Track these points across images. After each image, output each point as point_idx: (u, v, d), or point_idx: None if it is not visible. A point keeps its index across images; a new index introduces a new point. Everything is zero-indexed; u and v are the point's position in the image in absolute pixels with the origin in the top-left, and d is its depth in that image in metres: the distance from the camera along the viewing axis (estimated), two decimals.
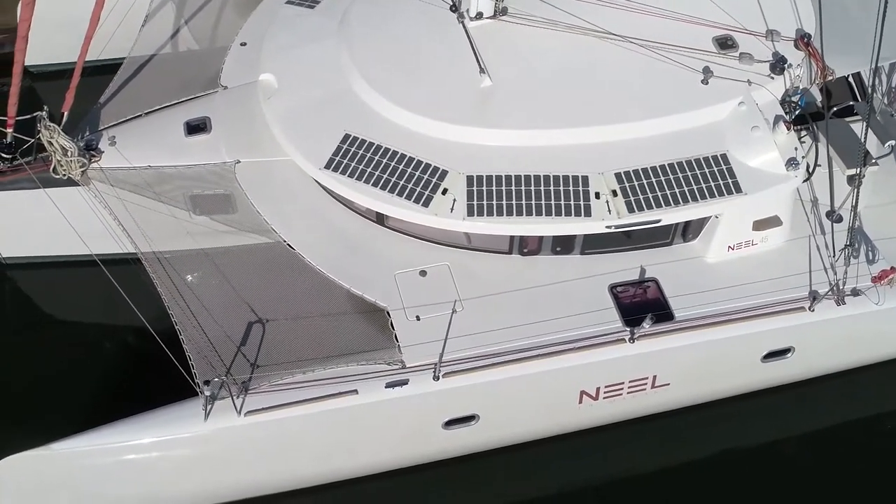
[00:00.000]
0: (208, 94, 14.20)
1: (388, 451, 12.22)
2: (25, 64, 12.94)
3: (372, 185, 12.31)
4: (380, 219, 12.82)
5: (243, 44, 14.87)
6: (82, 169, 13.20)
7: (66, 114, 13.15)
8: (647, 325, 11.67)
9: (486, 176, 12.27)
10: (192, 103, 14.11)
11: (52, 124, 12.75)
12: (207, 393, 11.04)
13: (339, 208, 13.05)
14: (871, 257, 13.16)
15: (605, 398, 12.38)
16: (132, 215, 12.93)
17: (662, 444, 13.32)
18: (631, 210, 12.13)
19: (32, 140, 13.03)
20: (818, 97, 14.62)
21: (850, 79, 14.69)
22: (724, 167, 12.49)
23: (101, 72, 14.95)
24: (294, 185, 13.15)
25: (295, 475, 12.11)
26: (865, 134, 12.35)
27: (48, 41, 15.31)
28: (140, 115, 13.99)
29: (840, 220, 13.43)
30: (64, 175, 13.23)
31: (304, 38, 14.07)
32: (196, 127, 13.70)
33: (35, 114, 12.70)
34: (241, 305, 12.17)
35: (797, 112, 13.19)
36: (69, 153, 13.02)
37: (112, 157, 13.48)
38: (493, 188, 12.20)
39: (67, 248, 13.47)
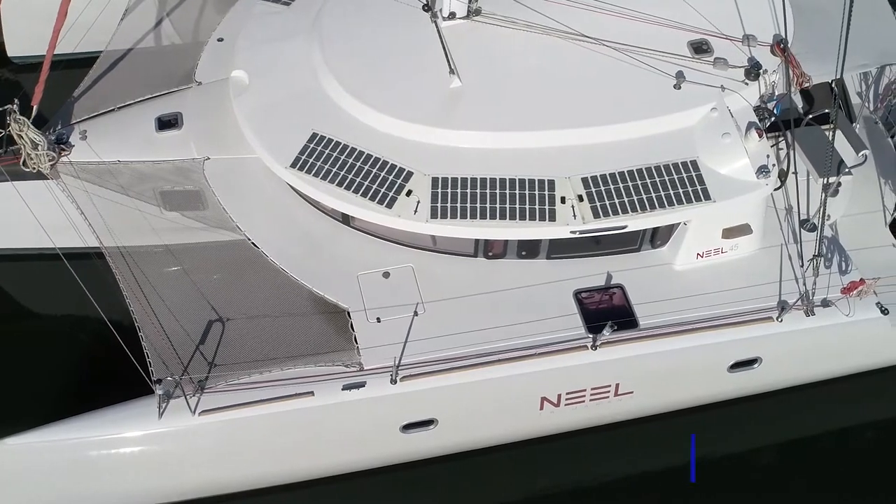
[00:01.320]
0: (182, 90, 14.15)
1: (345, 454, 12.16)
2: (8, 55, 12.92)
3: (337, 185, 12.23)
4: (345, 219, 12.75)
5: (220, 39, 14.80)
6: (51, 163, 13.17)
7: (35, 107, 13.11)
8: (607, 333, 11.54)
9: (452, 178, 12.16)
10: (166, 98, 14.06)
11: (21, 117, 12.72)
12: (160, 392, 10.98)
13: (305, 207, 12.98)
14: (844, 268, 12.97)
15: (566, 405, 12.26)
16: (100, 210, 12.92)
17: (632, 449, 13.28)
18: (596, 215, 11.99)
19: (3, 133, 13.00)
20: (800, 103, 14.49)
21: (833, 85, 14.49)
22: (693, 174, 12.33)
23: (82, 64, 14.93)
24: (262, 183, 13.09)
25: (251, 475, 12.06)
26: (833, 142, 12.15)
27: (31, 32, 15.30)
28: (113, 110, 13.95)
29: (814, 228, 13.25)
30: (34, 168, 13.21)
31: (277, 36, 14.00)
32: (167, 122, 13.66)
33: (5, 107, 12.67)
34: (203, 303, 12.12)
35: (772, 119, 13.00)
36: (39, 147, 13.00)
37: (82, 152, 13.45)
38: (458, 191, 12.09)
39: (34, 241, 13.43)
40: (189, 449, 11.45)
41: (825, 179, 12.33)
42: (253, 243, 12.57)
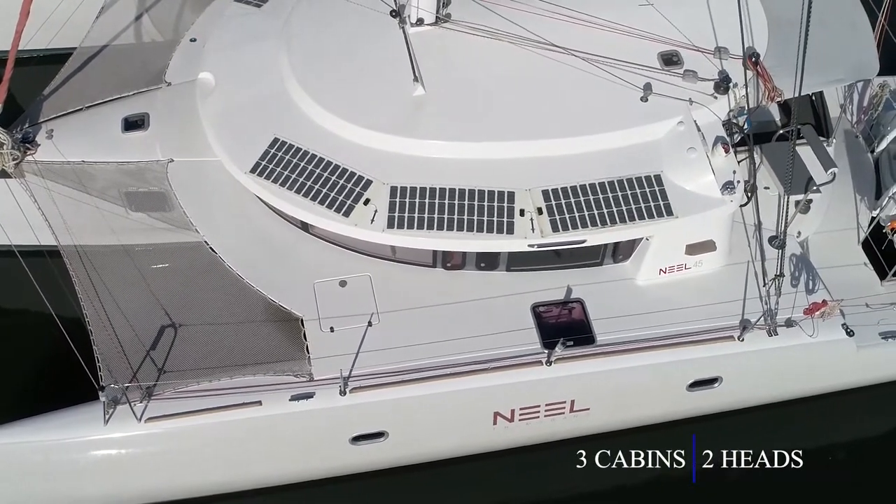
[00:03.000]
0: (151, 90, 14.07)
1: (294, 464, 12.08)
2: None
3: (296, 191, 12.12)
4: (304, 226, 12.63)
5: (193, 40, 14.70)
6: (15, 162, 13.12)
7: (0, 106, 13.05)
8: (559, 350, 11.37)
9: (410, 188, 12.03)
10: (135, 99, 13.99)
11: None
12: (104, 399, 10.93)
13: (265, 213, 12.88)
14: (811, 286, 12.73)
15: (520, 420, 12.11)
16: (62, 210, 12.84)
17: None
18: (555, 229, 11.82)
19: None
20: (776, 116, 14.25)
21: (813, 98, 14.25)
22: (656, 188, 12.12)
23: (58, 61, 14.88)
24: (223, 187, 12.99)
25: (198, 483, 12.00)
26: (792, 159, 11.88)
27: (5, 28, 15.21)
28: (81, 109, 13.89)
29: (783, 246, 13.00)
30: None
31: (246, 38, 13.89)
32: (134, 123, 13.60)
33: None
34: (156, 307, 12.05)
35: (744, 133, 12.76)
36: (3, 146, 12.96)
37: (48, 151, 13.40)
38: (416, 201, 11.95)
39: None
40: (135, 456, 11.41)
41: (785, 195, 12.02)
42: (211, 248, 12.47)
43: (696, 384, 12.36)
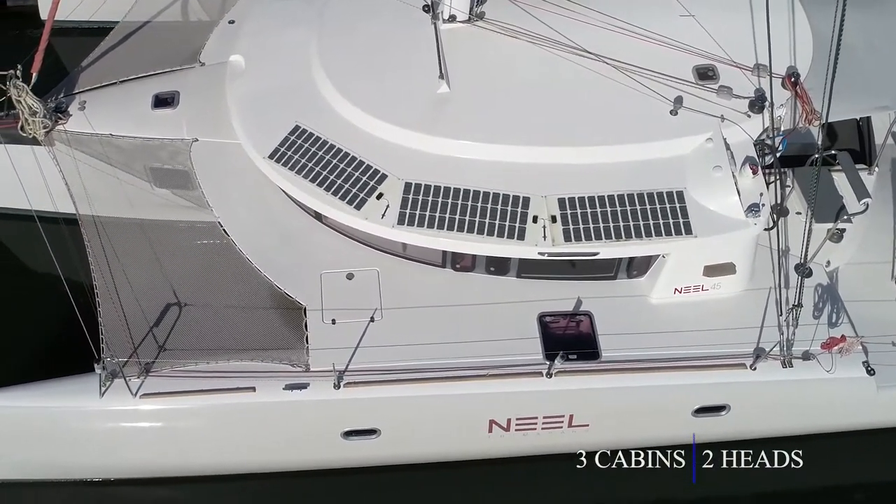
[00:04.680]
0: (185, 69, 14.16)
1: (284, 453, 12.02)
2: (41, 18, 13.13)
3: (311, 180, 12.05)
4: (318, 215, 12.56)
5: (231, 21, 14.76)
6: (45, 130, 13.32)
7: (35, 74, 13.26)
8: (559, 363, 11.10)
9: (425, 185, 11.86)
10: (168, 76, 14.09)
11: (21, 83, 12.88)
12: (100, 371, 11.01)
13: (282, 199, 12.84)
14: (834, 319, 12.21)
15: (517, 430, 11.86)
16: (84, 180, 12.99)
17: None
18: (568, 239, 11.53)
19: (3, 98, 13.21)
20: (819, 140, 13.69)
21: (860, 122, 13.68)
22: (677, 205, 11.75)
23: (100, 33, 15.11)
24: (243, 171, 12.98)
25: (188, 463, 12.03)
26: (816, 184, 11.38)
27: None
28: (115, 83, 14.04)
29: (810, 274, 12.49)
30: (30, 134, 13.39)
31: (280, 23, 13.88)
32: (164, 101, 13.69)
33: (7, 72, 12.85)
34: (164, 284, 12.11)
35: (778, 155, 12.28)
36: (36, 114, 13.16)
37: (79, 122, 13.57)
38: (430, 199, 11.78)
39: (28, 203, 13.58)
40: (128, 430, 11.48)
41: (808, 222, 11.52)
42: (224, 230, 12.49)
43: (703, 410, 11.96)
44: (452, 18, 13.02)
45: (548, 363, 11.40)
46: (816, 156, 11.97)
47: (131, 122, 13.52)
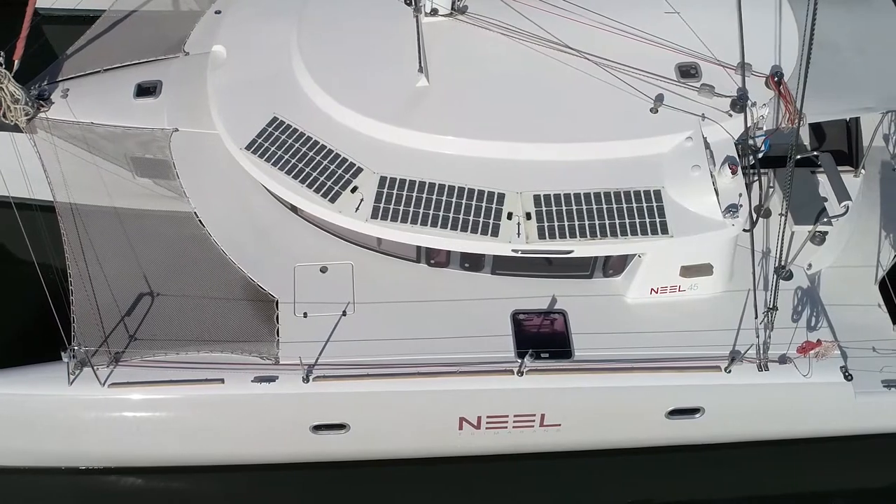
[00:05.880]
0: (169, 59, 14.11)
1: (253, 446, 11.96)
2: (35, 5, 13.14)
3: (286, 172, 11.98)
4: (294, 207, 12.49)
5: (217, 12, 14.70)
6: (27, 117, 13.31)
7: (16, 61, 13.25)
8: (528, 361, 10.98)
9: (400, 179, 11.76)
10: (152, 65, 14.07)
11: (3, 70, 12.87)
12: (67, 359, 10.98)
13: (258, 190, 12.77)
14: (813, 323, 12.03)
15: (488, 428, 11.76)
16: (64, 167, 12.96)
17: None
18: (542, 236, 11.41)
19: None
20: (806, 140, 13.55)
21: (848, 123, 13.49)
22: (654, 204, 11.60)
23: (88, 21, 15.09)
24: (222, 161, 12.93)
25: (157, 453, 12.00)
26: (790, 186, 11.19)
27: None
28: (99, 71, 14.01)
29: (790, 277, 12.35)
30: (12, 121, 13.38)
31: (263, 14, 13.81)
32: (146, 90, 13.66)
33: None
34: (138, 274, 12.07)
35: (760, 156, 12.11)
36: (18, 101, 13.15)
37: (61, 110, 13.56)
38: (405, 193, 11.68)
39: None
40: (96, 419, 11.45)
41: (783, 223, 11.35)
42: (199, 220, 12.44)
43: (676, 412, 11.81)
44: (434, 12, 12.90)
45: (519, 361, 11.28)
46: (798, 157, 11.81)
47: (113, 111, 13.49)
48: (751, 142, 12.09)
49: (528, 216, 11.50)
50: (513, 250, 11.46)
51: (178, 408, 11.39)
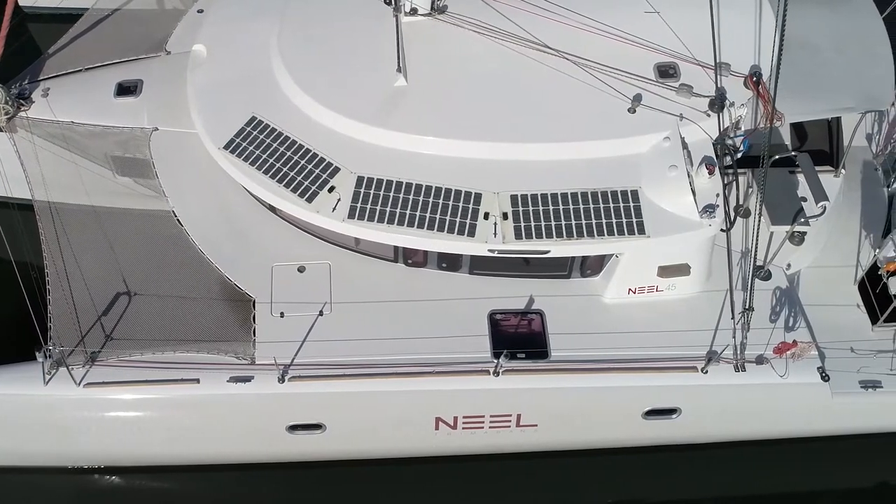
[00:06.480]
0: (150, 58, 14.10)
1: (230, 446, 11.95)
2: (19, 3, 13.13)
3: (264, 172, 11.97)
4: (272, 207, 12.47)
5: (200, 11, 14.68)
6: (7, 116, 13.30)
7: None
8: (503, 361, 10.98)
9: (377, 179, 11.75)
10: (134, 64, 14.06)
11: None
12: (41, 359, 10.97)
13: (237, 189, 12.76)
14: (791, 324, 12.02)
15: (464, 428, 11.76)
16: (43, 167, 12.94)
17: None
18: (519, 236, 11.40)
19: None
20: (787, 140, 13.53)
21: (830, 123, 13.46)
22: (631, 204, 11.58)
23: (71, 20, 15.06)
24: (201, 160, 12.91)
25: (134, 453, 12.00)
26: (763, 186, 11.17)
27: None
28: (80, 70, 14.00)
29: (769, 277, 12.34)
30: None
31: (245, 14, 13.79)
32: (126, 89, 13.66)
33: None
34: (116, 273, 12.06)
35: (739, 155, 12.09)
36: None
37: (41, 109, 13.55)
38: (382, 193, 11.67)
39: None
40: (72, 419, 11.45)
41: (756, 223, 11.34)
42: (177, 219, 12.43)
43: (653, 413, 11.80)
44: (414, 11, 12.88)
45: (495, 361, 11.28)
46: (776, 157, 11.83)
47: (93, 110, 13.48)
48: (730, 142, 12.05)
49: (505, 216, 11.49)
50: (489, 250, 11.44)
51: (154, 408, 11.39)
